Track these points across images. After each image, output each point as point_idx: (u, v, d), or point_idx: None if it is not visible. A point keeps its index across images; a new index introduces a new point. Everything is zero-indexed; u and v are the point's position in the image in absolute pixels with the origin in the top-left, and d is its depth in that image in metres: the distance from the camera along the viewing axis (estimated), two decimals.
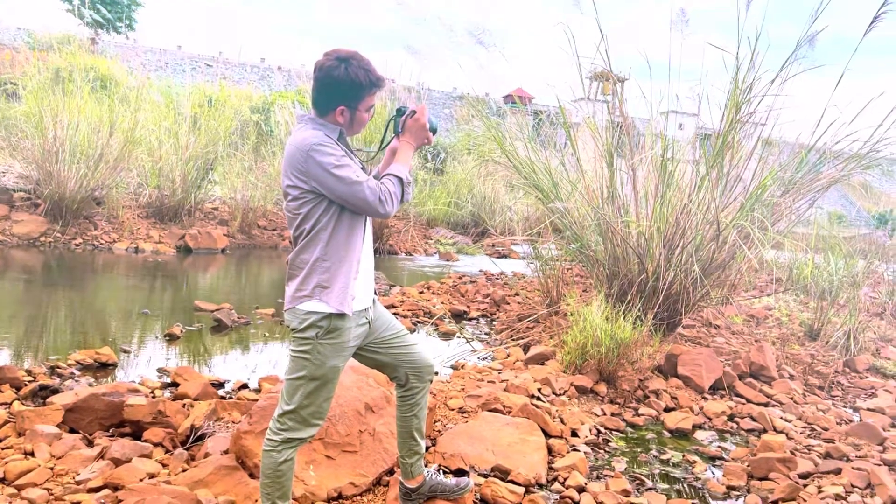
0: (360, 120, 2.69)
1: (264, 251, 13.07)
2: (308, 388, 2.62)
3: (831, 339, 7.29)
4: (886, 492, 3.77)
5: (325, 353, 2.61)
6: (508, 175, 9.21)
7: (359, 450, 3.39)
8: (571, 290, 7.67)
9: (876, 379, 6.54)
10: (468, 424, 4.02)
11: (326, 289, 2.58)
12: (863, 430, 4.79)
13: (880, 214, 34.48)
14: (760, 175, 6.71)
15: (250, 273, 10.85)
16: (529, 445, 3.83)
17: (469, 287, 9.49)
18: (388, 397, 3.63)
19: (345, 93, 2.60)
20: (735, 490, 3.83)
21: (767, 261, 7.88)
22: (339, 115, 2.63)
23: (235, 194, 13.66)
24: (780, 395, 5.58)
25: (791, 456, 4.10)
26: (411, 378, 3.00)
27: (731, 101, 6.42)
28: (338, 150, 2.53)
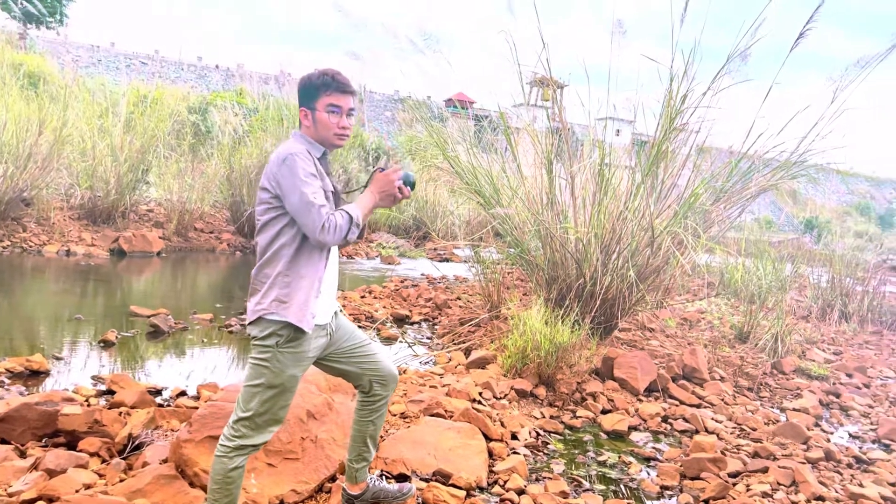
0: (322, 122, 2.68)
1: (202, 254, 12.81)
2: (265, 395, 2.63)
3: (760, 342, 7.57)
4: (809, 489, 3.95)
5: (284, 361, 2.62)
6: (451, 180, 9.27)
7: (301, 457, 3.37)
8: (512, 294, 7.77)
9: (801, 380, 6.83)
10: (410, 430, 4.04)
11: (285, 304, 2.59)
12: (788, 429, 5.00)
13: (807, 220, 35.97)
14: (694, 183, 6.94)
15: (187, 277, 10.63)
16: (471, 449, 3.88)
17: (411, 291, 9.51)
18: (329, 404, 3.62)
19: (303, 94, 2.69)
20: (668, 490, 3.96)
21: (700, 266, 8.15)
22: (304, 119, 2.70)
23: (172, 196, 13.36)
24: (712, 397, 5.78)
25: (721, 456, 4.26)
26: (375, 386, 3.03)
27: (665, 111, 6.62)
28: (311, 166, 2.55)
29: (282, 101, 15.60)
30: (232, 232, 14.39)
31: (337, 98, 2.67)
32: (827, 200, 50.07)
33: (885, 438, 5.38)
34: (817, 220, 35.22)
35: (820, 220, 35.08)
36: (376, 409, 3.08)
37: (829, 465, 4.56)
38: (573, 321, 5.90)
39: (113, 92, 14.64)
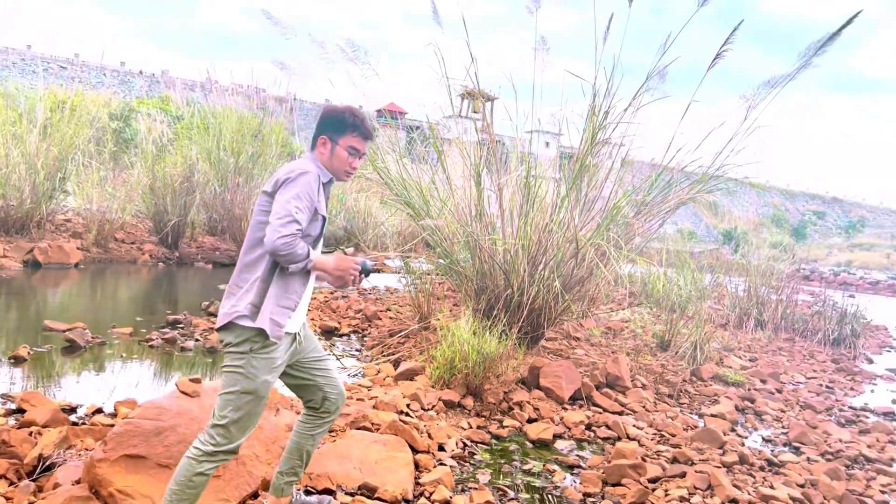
0: (339, 156, 2.89)
1: (122, 266, 12.40)
2: (240, 401, 2.70)
3: (680, 350, 7.82)
4: (724, 492, 4.10)
5: (258, 367, 2.71)
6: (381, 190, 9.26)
7: (222, 474, 3.30)
8: (443, 305, 7.81)
9: (719, 386, 7.09)
10: (336, 443, 4.01)
11: (259, 309, 2.69)
12: (706, 435, 5.19)
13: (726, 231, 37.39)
14: (616, 196, 7.14)
15: (106, 289, 10.26)
16: (397, 462, 3.87)
17: (341, 303, 9.44)
18: None
19: (329, 124, 2.90)
20: (591, 496, 4.04)
21: (623, 276, 8.37)
22: (322, 145, 2.90)
23: (91, 205, 12.89)
24: (634, 404, 5.94)
25: (642, 462, 4.38)
26: (326, 403, 3.10)
27: (588, 126, 6.79)
28: (315, 191, 2.74)
29: (207, 109, 15.28)
30: (155, 243, 13.98)
31: (359, 143, 2.92)
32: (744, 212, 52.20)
33: (795, 441, 5.63)
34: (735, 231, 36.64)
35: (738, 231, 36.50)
36: (320, 426, 3.13)
37: (743, 468, 4.74)
38: (501, 331, 5.97)
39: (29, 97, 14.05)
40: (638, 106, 6.83)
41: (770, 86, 6.99)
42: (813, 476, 4.64)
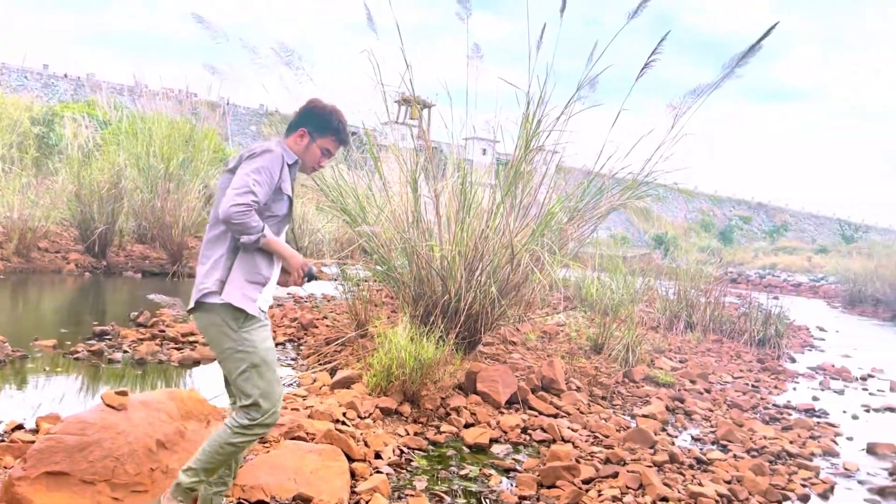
0: (313, 153, 2.98)
1: (46, 276, 11.93)
2: (255, 374, 2.77)
3: (613, 352, 7.99)
4: (655, 490, 4.21)
5: (253, 338, 2.79)
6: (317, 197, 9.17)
7: (150, 489, 3.21)
8: (380, 312, 7.78)
9: (650, 387, 7.28)
10: (269, 454, 3.95)
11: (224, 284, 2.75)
12: (637, 435, 5.32)
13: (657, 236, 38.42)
14: (550, 202, 7.26)
15: (29, 300, 9.86)
16: (332, 471, 3.84)
17: (276, 311, 9.30)
18: (182, 432, 3.47)
19: (313, 120, 2.96)
20: (526, 499, 4.09)
21: (558, 281, 8.51)
22: (300, 137, 2.96)
23: (12, 213, 12.36)
24: (568, 407, 6.04)
25: (576, 464, 4.46)
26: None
27: (522, 133, 6.89)
28: (277, 170, 2.78)
29: (137, 114, 14.87)
30: (81, 251, 13.51)
31: (335, 146, 3.02)
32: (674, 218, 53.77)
33: (722, 439, 5.82)
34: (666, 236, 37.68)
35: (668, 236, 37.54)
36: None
37: (673, 466, 4.88)
38: (438, 337, 5.99)
39: None
40: (570, 114, 6.97)
41: (695, 95, 7.23)
42: (739, 472, 4.81)
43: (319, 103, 3.02)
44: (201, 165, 14.53)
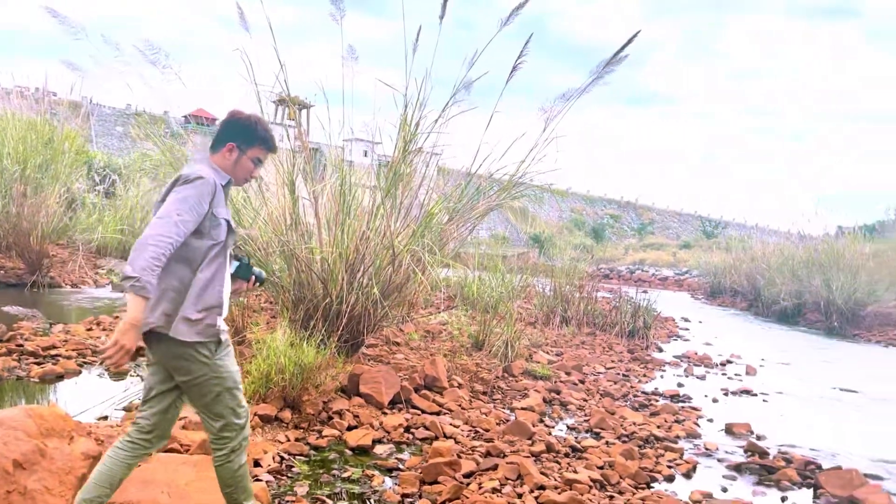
0: (244, 166, 2.97)
1: None
2: (226, 397, 2.89)
3: (493, 348, 8.19)
4: (532, 480, 4.36)
5: (222, 364, 2.88)
6: None
7: None
8: (258, 317, 7.60)
9: (528, 381, 7.52)
10: (140, 468, 3.77)
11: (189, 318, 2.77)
12: (516, 427, 5.48)
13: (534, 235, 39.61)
14: (429, 203, 7.35)
15: None
16: (208, 482, 3.70)
17: None
18: (42, 450, 3.26)
19: (239, 133, 2.94)
20: (409, 497, 4.13)
21: (440, 280, 8.62)
22: (228, 151, 2.93)
23: None
24: (450, 403, 6.14)
25: (457, 459, 4.55)
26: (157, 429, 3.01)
27: (400, 135, 6.94)
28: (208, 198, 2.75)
29: None
30: None
31: (264, 154, 3.02)
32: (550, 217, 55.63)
33: (596, 427, 6.10)
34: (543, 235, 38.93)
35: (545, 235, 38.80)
36: (141, 454, 3.00)
37: (550, 456, 5.07)
38: (319, 341, 5.93)
39: None
40: (447, 116, 7.08)
41: (565, 99, 7.53)
42: (611, 458, 5.07)
43: (241, 114, 3.00)
44: (62, 168, 13.61)
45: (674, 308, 18.64)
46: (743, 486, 5.14)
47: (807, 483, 5.21)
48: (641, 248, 46.98)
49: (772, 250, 22.94)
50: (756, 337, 15.39)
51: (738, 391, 8.64)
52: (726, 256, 27.26)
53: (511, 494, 4.17)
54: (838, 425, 7.26)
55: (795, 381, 9.75)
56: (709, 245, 38.54)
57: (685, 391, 8.27)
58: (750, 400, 8.31)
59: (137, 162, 17.29)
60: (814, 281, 17.99)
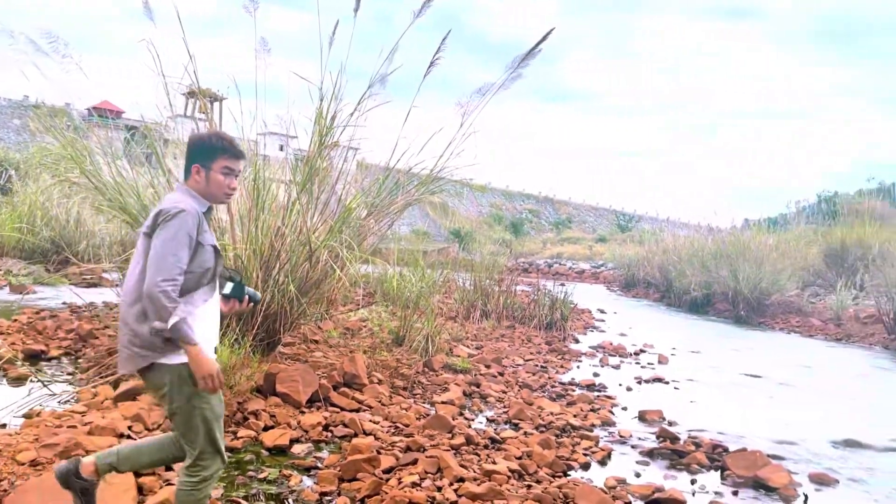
0: (215, 181, 2.96)
1: None
2: (206, 427, 2.93)
3: (414, 344, 8.17)
4: (452, 472, 4.37)
5: (207, 395, 2.89)
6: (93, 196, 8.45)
7: None
8: None
9: (449, 375, 7.54)
10: (41, 478, 3.58)
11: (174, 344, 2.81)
12: (436, 421, 5.49)
13: (455, 230, 39.86)
14: (347, 198, 7.26)
15: None
16: (116, 488, 3.55)
17: (49, 322, 8.43)
18: None
19: (199, 153, 2.97)
20: (327, 495, 4.07)
21: (359, 276, 8.53)
22: (196, 174, 2.96)
23: None
24: (370, 400, 6.09)
25: (376, 455, 4.51)
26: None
27: (316, 129, 6.82)
28: (194, 228, 2.82)
29: None
30: None
31: (232, 163, 2.99)
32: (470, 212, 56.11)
33: (514, 418, 6.17)
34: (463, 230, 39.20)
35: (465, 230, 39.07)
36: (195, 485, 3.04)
37: (469, 448, 5.10)
38: (233, 340, 5.77)
39: None
40: (363, 110, 7.01)
41: (481, 94, 7.57)
42: (529, 448, 5.14)
43: (196, 135, 3.07)
44: None
45: (590, 300, 19.11)
46: (655, 470, 5.31)
47: (715, 465, 5.42)
48: (559, 242, 47.96)
49: (682, 243, 23.80)
50: (668, 327, 15.96)
51: (651, 379, 8.92)
52: (640, 249, 28.12)
53: (431, 488, 4.17)
54: (744, 410, 7.59)
55: (705, 368, 10.15)
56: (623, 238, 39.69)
57: (601, 381, 8.48)
58: (662, 388, 8.59)
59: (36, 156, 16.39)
60: (722, 272, 18.77)
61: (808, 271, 19.57)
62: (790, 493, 4.89)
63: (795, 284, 18.73)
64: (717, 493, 4.83)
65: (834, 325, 15.91)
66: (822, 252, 19.74)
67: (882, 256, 15.68)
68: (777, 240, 20.52)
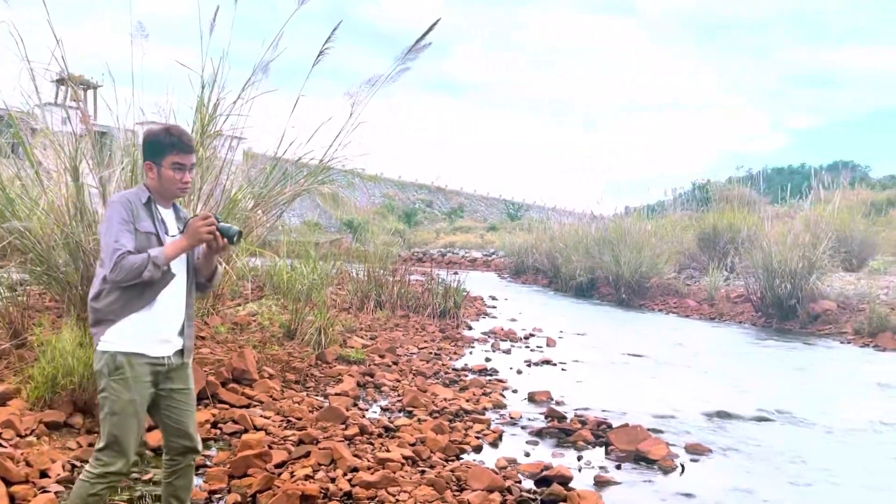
0: (167, 177, 2.99)
1: None
2: (112, 421, 2.90)
3: (306, 337, 8.07)
4: (346, 463, 4.37)
5: (117, 388, 2.89)
6: None
7: None
8: (42, 317, 6.90)
9: (342, 366, 7.51)
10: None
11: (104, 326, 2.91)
12: (329, 413, 5.46)
13: (347, 221, 39.50)
14: (232, 189, 7.07)
15: None
16: None
17: None
18: None
19: (149, 150, 3.02)
20: (217, 493, 3.99)
21: (248, 269, 8.33)
22: (149, 171, 3.02)
23: None
24: (261, 395, 5.98)
25: (268, 450, 4.45)
26: (171, 450, 3.20)
27: (197, 118, 6.61)
28: (126, 212, 2.89)
29: None
30: None
31: (182, 157, 2.99)
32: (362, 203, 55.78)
33: (408, 406, 6.23)
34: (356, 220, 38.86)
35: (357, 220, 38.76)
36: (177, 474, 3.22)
37: (363, 438, 5.12)
38: None
39: None
40: (247, 98, 6.84)
41: (371, 84, 7.56)
42: (422, 434, 5.21)
43: (148, 131, 3.10)
44: None
45: (482, 287, 19.48)
46: (544, 449, 5.51)
47: (599, 441, 5.68)
48: (452, 232, 48.47)
49: (568, 230, 24.64)
50: (556, 311, 16.50)
51: (540, 362, 9.22)
52: (528, 237, 28.87)
53: (324, 479, 4.16)
54: (626, 387, 7.98)
55: (590, 349, 10.59)
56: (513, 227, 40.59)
57: (492, 365, 8.68)
58: (550, 369, 8.90)
59: None
60: (605, 257, 19.58)
61: (683, 255, 20.69)
62: (668, 464, 5.19)
63: (672, 268, 19.78)
64: (602, 468, 5.07)
65: (708, 306, 16.92)
66: (696, 237, 20.90)
67: (750, 240, 16.76)
68: (655, 226, 21.61)
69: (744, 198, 26.68)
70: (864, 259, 17.99)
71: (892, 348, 11.30)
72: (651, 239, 19.73)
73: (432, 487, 4.15)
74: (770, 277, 14.49)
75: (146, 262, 2.81)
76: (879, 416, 6.88)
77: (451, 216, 61.20)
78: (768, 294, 14.67)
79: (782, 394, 7.89)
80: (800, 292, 14.10)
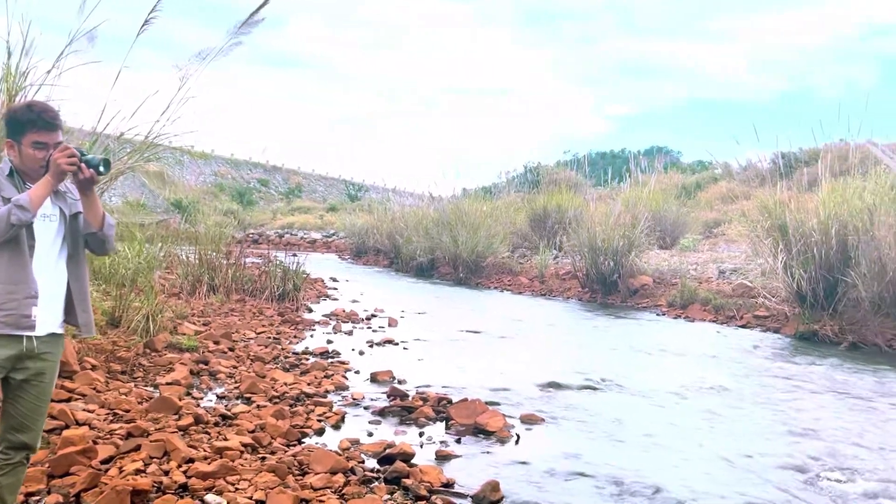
0: (27, 155, 2.86)
1: None
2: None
3: (132, 324, 7.59)
4: (180, 454, 4.19)
5: None
6: None
7: None
8: None
9: (174, 354, 7.15)
10: None
11: None
12: (160, 404, 5.19)
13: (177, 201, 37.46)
14: None
15: None
16: None
17: None
18: None
19: (9, 128, 2.91)
20: (35, 495, 3.67)
21: None
22: (10, 149, 2.90)
23: None
24: (83, 388, 5.55)
25: (92, 445, 4.16)
26: (5, 442, 2.99)
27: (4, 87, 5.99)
28: None
29: None
30: None
31: (43, 135, 2.85)
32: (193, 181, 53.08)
33: (246, 393, 6.06)
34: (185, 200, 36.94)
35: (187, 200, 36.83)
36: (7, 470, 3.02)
37: (198, 428, 4.91)
38: None
39: None
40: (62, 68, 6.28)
41: (202, 57, 7.19)
42: (262, 420, 5.09)
43: (9, 109, 3.11)
44: None
45: (323, 269, 19.26)
46: (387, 428, 5.57)
47: (440, 417, 5.84)
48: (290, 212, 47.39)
49: (408, 211, 24.91)
50: (397, 291, 16.68)
51: (382, 342, 9.30)
52: (369, 218, 28.85)
53: (157, 473, 3.96)
54: (465, 363, 8.24)
55: (431, 327, 10.82)
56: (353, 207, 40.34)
57: (334, 347, 8.63)
58: (392, 349, 9.00)
59: None
60: (443, 238, 20.02)
61: (517, 235, 21.59)
62: (505, 435, 5.44)
63: (507, 247, 20.61)
64: (443, 442, 5.21)
65: (539, 283, 17.81)
66: (528, 217, 21.88)
67: (576, 220, 17.80)
68: (490, 207, 22.38)
69: (570, 180, 28.32)
70: (676, 237, 19.74)
71: (700, 318, 12.53)
72: (487, 220, 20.43)
73: (274, 473, 4.07)
74: (594, 255, 15.51)
75: (10, 208, 2.70)
76: (688, 381, 7.61)
77: (288, 196, 59.77)
78: (593, 271, 15.70)
79: (606, 364, 8.50)
80: (621, 269, 15.23)
